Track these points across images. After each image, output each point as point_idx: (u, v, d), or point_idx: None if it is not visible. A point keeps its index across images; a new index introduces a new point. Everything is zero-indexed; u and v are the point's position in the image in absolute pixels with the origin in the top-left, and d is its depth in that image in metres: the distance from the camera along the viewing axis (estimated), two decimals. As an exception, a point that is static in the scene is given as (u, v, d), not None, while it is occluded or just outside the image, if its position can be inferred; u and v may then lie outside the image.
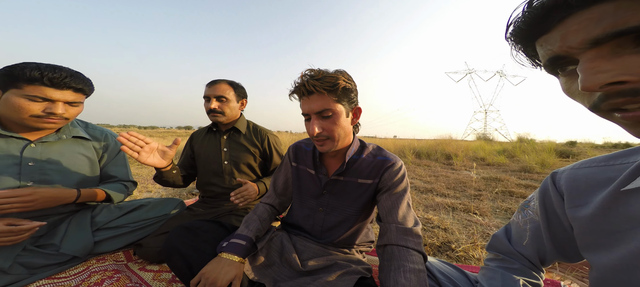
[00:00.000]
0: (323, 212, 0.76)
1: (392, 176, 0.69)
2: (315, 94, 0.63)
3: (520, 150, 7.14)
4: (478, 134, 28.92)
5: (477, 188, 3.06)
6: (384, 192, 0.70)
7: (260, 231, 0.75)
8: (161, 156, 0.92)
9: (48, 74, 0.73)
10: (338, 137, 0.67)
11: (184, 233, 0.70)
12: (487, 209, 2.18)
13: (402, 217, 0.65)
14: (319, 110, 0.64)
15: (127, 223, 1.04)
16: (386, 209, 0.67)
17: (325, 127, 0.65)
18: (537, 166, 4.43)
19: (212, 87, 1.13)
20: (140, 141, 0.85)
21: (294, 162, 0.85)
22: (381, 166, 0.71)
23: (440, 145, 7.76)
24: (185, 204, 1.29)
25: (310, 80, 0.62)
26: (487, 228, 1.71)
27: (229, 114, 1.16)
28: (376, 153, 0.74)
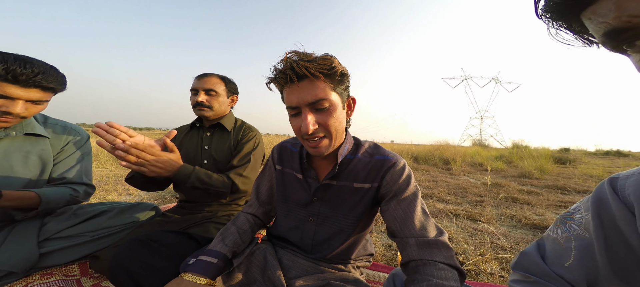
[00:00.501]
0: (313, 223, 0.64)
1: (395, 178, 0.58)
2: (306, 80, 0.50)
3: (517, 156, 7.15)
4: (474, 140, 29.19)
5: (479, 194, 2.96)
6: (389, 199, 0.58)
7: (239, 245, 0.64)
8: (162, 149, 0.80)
9: (14, 69, 0.62)
10: (336, 134, 0.55)
11: (135, 247, 0.58)
12: (491, 216, 2.06)
13: (421, 227, 0.53)
14: (312, 101, 0.51)
15: (84, 232, 0.89)
16: (399, 221, 0.55)
17: (322, 123, 0.53)
18: (536, 172, 4.37)
19: (202, 79, 1.03)
20: (122, 134, 0.70)
21: (278, 164, 0.73)
22: (381, 166, 0.59)
23: (438, 150, 7.72)
24: (160, 210, 1.13)
25: (300, 61, 0.49)
26: (495, 237, 1.59)
27: (217, 109, 1.06)
28: (373, 151, 0.63)
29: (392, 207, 0.56)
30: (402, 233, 0.54)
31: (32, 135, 0.81)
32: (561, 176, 4.45)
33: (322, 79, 0.50)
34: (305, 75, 0.49)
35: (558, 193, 3.02)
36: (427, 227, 0.53)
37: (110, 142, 0.68)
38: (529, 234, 1.69)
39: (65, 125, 0.92)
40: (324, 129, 0.53)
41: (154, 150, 0.77)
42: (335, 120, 0.54)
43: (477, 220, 2.01)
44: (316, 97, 0.51)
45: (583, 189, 3.19)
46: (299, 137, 0.57)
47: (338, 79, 0.52)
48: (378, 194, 0.60)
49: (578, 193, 3.01)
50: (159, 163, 0.79)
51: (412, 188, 0.57)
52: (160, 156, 0.79)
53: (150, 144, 0.77)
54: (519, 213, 2.11)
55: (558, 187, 3.33)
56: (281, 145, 0.75)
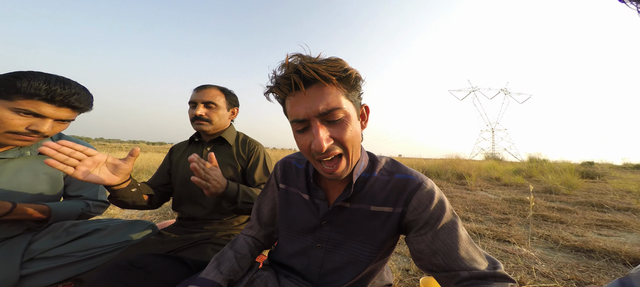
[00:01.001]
0: (322, 250, 0.56)
1: (425, 202, 0.49)
2: (315, 86, 0.42)
3: (538, 170, 6.69)
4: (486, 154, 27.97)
5: (502, 211, 2.70)
6: (421, 229, 0.49)
7: (236, 272, 0.56)
8: (111, 171, 0.69)
9: (55, 89, 0.66)
10: (354, 151, 0.47)
11: (117, 274, 0.50)
12: (521, 236, 1.84)
13: (470, 259, 0.44)
14: (324, 111, 0.42)
15: (72, 251, 0.81)
16: (441, 254, 0.45)
17: (337, 137, 0.44)
18: (563, 187, 4.02)
19: (201, 91, 0.99)
20: (77, 153, 0.62)
21: (282, 183, 0.65)
22: (403, 187, 0.51)
23: (450, 164, 7.40)
24: (157, 228, 1.05)
25: (308, 64, 0.41)
26: (531, 261, 1.38)
27: (217, 123, 1.01)
28: (392, 169, 0.55)
29: (429, 239, 0.47)
30: (448, 266, 0.44)
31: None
32: (592, 191, 4.06)
33: (335, 83, 0.42)
34: (314, 79, 0.41)
35: (594, 211, 2.71)
36: (476, 258, 0.44)
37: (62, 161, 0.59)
38: (571, 258, 1.46)
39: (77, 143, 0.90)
40: (339, 145, 0.45)
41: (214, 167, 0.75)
42: (351, 133, 0.45)
43: (505, 240, 1.79)
44: (328, 106, 0.42)
45: (623, 206, 2.86)
46: (310, 157, 0.48)
47: (352, 83, 0.45)
48: (402, 221, 0.51)
49: (619, 211, 2.68)
50: (218, 178, 0.75)
51: (448, 214, 0.48)
52: (216, 170, 0.75)
53: (114, 163, 0.70)
54: (554, 233, 1.87)
55: (592, 204, 3.01)
56: (285, 161, 0.67)
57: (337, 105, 0.43)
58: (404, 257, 1.49)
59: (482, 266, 0.44)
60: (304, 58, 0.43)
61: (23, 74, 0.64)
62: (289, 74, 0.42)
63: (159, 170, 1.10)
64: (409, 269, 1.33)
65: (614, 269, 1.29)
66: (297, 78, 0.41)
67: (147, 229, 0.99)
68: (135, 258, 0.56)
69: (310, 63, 0.41)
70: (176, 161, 1.07)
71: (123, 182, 0.73)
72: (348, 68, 0.43)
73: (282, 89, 0.44)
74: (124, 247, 0.91)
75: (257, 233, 0.67)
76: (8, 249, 0.74)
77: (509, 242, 1.75)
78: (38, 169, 0.79)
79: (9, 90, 0.63)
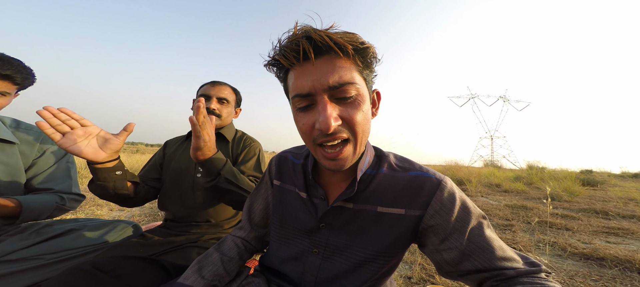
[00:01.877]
0: (319, 256, 0.48)
1: (448, 205, 0.42)
2: (327, 56, 0.36)
3: (537, 177, 6.65)
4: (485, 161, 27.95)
5: (504, 217, 2.63)
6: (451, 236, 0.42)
7: (222, 277, 0.49)
8: (100, 145, 0.64)
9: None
10: (362, 137, 0.40)
11: (75, 279, 0.43)
12: (526, 242, 1.76)
13: (509, 258, 0.41)
14: (335, 85, 0.36)
15: (40, 254, 0.73)
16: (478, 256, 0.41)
17: (347, 118, 0.37)
18: (564, 194, 3.96)
19: (216, 87, 0.98)
20: (72, 120, 0.59)
21: (276, 179, 0.58)
22: (420, 187, 0.44)
23: (450, 170, 7.35)
24: (141, 229, 0.97)
25: (318, 31, 0.35)
26: (540, 270, 1.31)
27: (225, 119, 1.02)
28: (404, 165, 0.48)
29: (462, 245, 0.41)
30: (490, 266, 0.40)
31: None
32: (594, 198, 4.01)
33: (351, 55, 0.36)
34: (328, 47, 0.35)
35: (599, 218, 2.64)
36: (514, 256, 0.41)
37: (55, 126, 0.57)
38: (582, 266, 1.39)
39: (40, 132, 0.82)
40: (348, 127, 0.38)
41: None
42: (363, 116, 0.38)
43: (510, 247, 1.71)
44: (341, 80, 0.35)
45: (627, 214, 2.80)
46: (310, 143, 0.41)
47: (369, 60, 0.39)
48: (419, 225, 0.44)
49: (624, 218, 2.62)
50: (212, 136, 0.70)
51: (476, 213, 0.43)
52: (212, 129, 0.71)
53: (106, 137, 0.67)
54: (560, 240, 1.79)
55: (596, 211, 2.95)
56: (281, 155, 0.61)
57: (351, 80, 0.36)
58: (405, 264, 1.41)
59: (520, 264, 0.40)
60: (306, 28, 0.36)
61: None
62: (298, 38, 0.35)
63: (151, 163, 1.04)
64: (411, 277, 1.25)
65: (629, 278, 1.22)
66: (307, 44, 0.34)
67: (128, 230, 0.91)
68: (102, 261, 0.49)
69: (322, 31, 0.35)
70: (170, 154, 1.02)
71: (109, 160, 0.67)
72: (365, 41, 0.37)
73: (288, 57, 0.36)
74: (101, 249, 0.83)
75: (247, 234, 0.60)
76: None
77: (514, 249, 1.68)
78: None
79: None
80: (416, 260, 1.41)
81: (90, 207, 2.26)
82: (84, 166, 4.40)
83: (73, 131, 0.59)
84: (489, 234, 0.42)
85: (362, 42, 0.37)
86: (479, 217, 0.43)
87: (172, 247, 0.83)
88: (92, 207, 2.27)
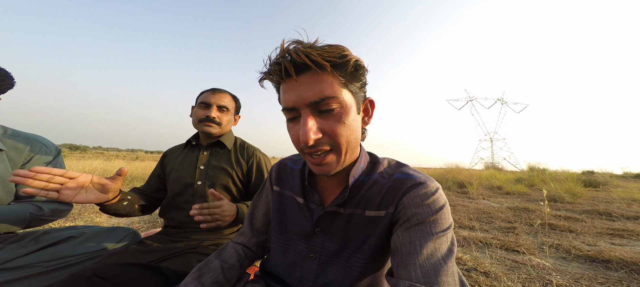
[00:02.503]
0: (316, 261, 0.49)
1: (417, 201, 0.41)
2: (309, 73, 0.38)
3: (539, 179, 6.62)
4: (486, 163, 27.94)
5: (507, 220, 2.61)
6: (399, 225, 0.42)
7: (222, 284, 0.50)
8: (100, 190, 0.69)
9: None
10: (347, 146, 0.42)
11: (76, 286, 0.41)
12: (530, 245, 1.74)
13: (430, 272, 0.35)
14: (315, 100, 0.38)
15: (38, 262, 0.72)
16: (399, 254, 0.38)
17: (327, 130, 0.39)
18: (567, 196, 3.94)
19: (217, 95, 1.00)
20: (57, 177, 0.59)
21: (276, 185, 0.59)
22: (400, 186, 0.44)
23: (450, 173, 7.32)
24: (140, 236, 0.97)
25: (301, 49, 0.37)
26: (545, 272, 1.28)
27: (224, 128, 1.02)
28: (394, 170, 0.48)
29: (399, 235, 0.40)
30: (397, 272, 0.37)
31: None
32: (597, 200, 3.98)
33: (329, 70, 0.37)
34: (307, 65, 0.37)
35: (603, 219, 2.62)
36: (442, 277, 0.34)
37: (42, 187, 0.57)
38: (587, 269, 1.36)
39: (28, 137, 0.81)
40: (329, 139, 0.40)
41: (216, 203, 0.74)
42: (346, 128, 0.40)
43: (513, 250, 1.69)
44: (320, 95, 0.38)
45: (632, 215, 2.77)
46: (299, 150, 0.43)
47: (351, 71, 0.39)
48: (391, 221, 0.44)
49: (628, 220, 2.60)
50: (226, 209, 0.75)
51: (440, 218, 0.39)
52: (222, 205, 0.75)
53: (101, 182, 0.68)
54: (564, 242, 1.77)
55: (600, 212, 2.92)
56: (281, 162, 0.62)
57: (331, 95, 0.38)
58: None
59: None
60: (299, 43, 0.38)
61: None
62: (280, 59, 0.38)
63: (151, 175, 1.07)
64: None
65: (637, 280, 1.20)
66: (288, 63, 0.37)
67: (127, 237, 0.90)
68: (102, 267, 0.49)
69: (303, 48, 0.37)
70: (169, 165, 1.03)
71: (113, 198, 0.72)
72: (347, 54, 0.38)
73: (273, 75, 0.40)
74: (99, 256, 0.82)
75: (248, 240, 0.60)
76: None
77: (518, 251, 1.66)
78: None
79: None
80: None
81: (90, 215, 2.24)
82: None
83: (65, 186, 0.61)
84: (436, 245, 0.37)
85: (342, 56, 0.38)
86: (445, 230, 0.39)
87: (171, 254, 0.82)
88: (91, 215, 2.25)
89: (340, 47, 0.39)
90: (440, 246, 0.37)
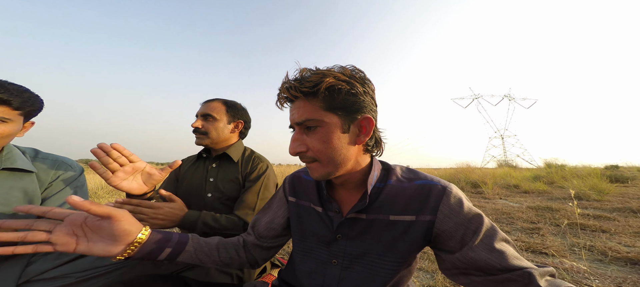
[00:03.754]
0: (338, 266, 0.52)
1: (456, 209, 0.46)
2: (298, 101, 0.48)
3: (559, 176, 6.30)
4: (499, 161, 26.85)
5: (529, 220, 2.48)
6: (461, 240, 0.45)
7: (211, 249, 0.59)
8: (144, 180, 0.70)
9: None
10: (328, 160, 0.48)
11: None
12: (558, 247, 1.64)
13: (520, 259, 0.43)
14: (298, 121, 0.48)
15: (69, 273, 0.74)
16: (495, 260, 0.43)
17: (310, 145, 0.48)
18: (592, 193, 3.71)
19: (203, 104, 1.00)
20: (122, 157, 0.64)
21: (291, 196, 0.63)
22: (427, 194, 0.48)
23: (462, 173, 7.10)
24: (160, 245, 0.98)
25: (288, 81, 0.47)
26: (581, 276, 1.19)
27: (215, 136, 0.98)
28: (410, 176, 0.53)
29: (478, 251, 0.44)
30: (505, 267, 0.42)
31: (15, 170, 0.74)
32: (627, 196, 3.73)
33: (303, 99, 0.47)
34: (292, 97, 0.48)
35: (638, 217, 2.44)
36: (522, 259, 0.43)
37: (105, 164, 0.61)
38: (629, 272, 1.26)
39: (56, 159, 0.86)
40: (312, 152, 0.48)
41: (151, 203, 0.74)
42: (324, 144, 0.47)
43: (541, 252, 1.59)
44: (302, 117, 0.47)
45: (668, 210, 2.57)
46: None
47: (325, 96, 0.45)
48: (432, 230, 0.47)
49: (665, 216, 2.41)
50: (160, 215, 0.75)
51: (482, 217, 0.46)
52: (159, 208, 0.75)
53: (151, 172, 0.71)
54: (598, 244, 1.65)
55: (633, 210, 2.73)
56: (293, 175, 0.66)
57: (309, 117, 0.46)
58: (427, 273, 1.34)
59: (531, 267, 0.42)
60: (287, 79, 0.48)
61: None
62: (279, 91, 0.49)
63: (167, 179, 1.07)
64: (434, 286, 1.18)
65: (688, 284, 1.09)
66: (282, 96, 0.49)
67: (150, 246, 0.91)
68: (134, 280, 0.49)
69: (289, 82, 0.47)
70: (182, 176, 1.04)
71: (148, 192, 0.73)
72: (319, 83, 0.44)
73: (279, 102, 0.51)
74: (123, 267, 0.83)
75: (249, 238, 0.64)
76: (5, 271, 0.68)
77: (546, 254, 1.56)
78: (11, 184, 0.72)
79: None
80: (438, 269, 1.34)
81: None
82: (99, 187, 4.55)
83: (122, 168, 0.64)
84: (504, 237, 0.45)
85: (313, 86, 0.45)
86: (488, 221, 0.46)
87: (192, 264, 0.83)
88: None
89: (318, 75, 0.45)
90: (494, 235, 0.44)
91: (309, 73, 0.46)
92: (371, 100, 0.49)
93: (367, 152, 0.52)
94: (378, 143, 0.53)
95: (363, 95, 0.47)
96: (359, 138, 0.49)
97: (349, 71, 0.47)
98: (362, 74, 0.48)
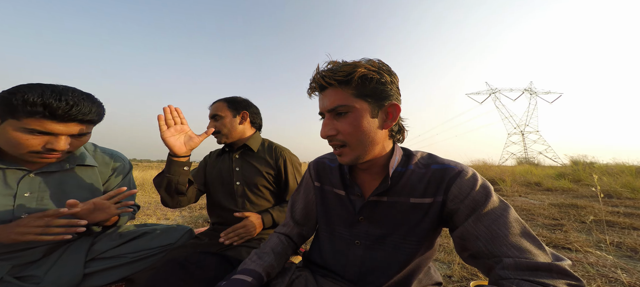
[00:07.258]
0: (361, 247, 0.55)
1: (466, 190, 0.47)
2: (329, 89, 0.51)
3: (586, 173, 5.89)
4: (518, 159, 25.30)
5: (551, 217, 2.39)
6: (463, 216, 0.47)
7: (274, 267, 0.58)
8: (185, 142, 0.86)
9: (51, 103, 0.62)
10: (358, 143, 0.51)
11: (173, 269, 0.56)
12: (583, 242, 1.58)
13: (521, 248, 0.40)
14: (330, 107, 0.51)
15: (126, 253, 0.87)
16: (483, 239, 0.43)
17: (340, 129, 0.51)
18: (625, 191, 3.47)
19: (209, 109, 1.10)
20: (178, 118, 0.84)
21: (316, 181, 0.68)
22: (441, 176, 0.50)
23: (479, 170, 6.84)
24: (194, 233, 1.09)
25: (320, 73, 0.51)
26: (608, 270, 1.16)
27: (227, 132, 1.06)
28: (428, 161, 0.55)
29: (470, 225, 0.45)
30: (491, 251, 0.41)
31: (84, 166, 0.86)
32: (664, 193, 3.44)
33: (337, 86, 0.50)
34: (325, 85, 0.51)
35: (674, 214, 2.27)
36: (531, 249, 0.40)
37: (167, 120, 0.82)
38: (660, 269, 1.21)
39: (112, 154, 0.97)
40: (343, 136, 0.51)
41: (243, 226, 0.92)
42: (354, 128, 0.49)
43: (563, 247, 1.55)
44: (333, 104, 0.50)
45: None
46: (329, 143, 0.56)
47: (357, 84, 0.48)
48: (443, 210, 0.50)
49: None
50: (250, 228, 0.92)
51: (494, 200, 0.46)
52: (245, 226, 0.92)
53: (191, 135, 0.89)
54: (627, 240, 1.58)
55: (669, 206, 2.53)
56: (317, 160, 0.69)
57: (341, 103, 0.49)
58: (443, 264, 1.36)
59: (538, 258, 0.39)
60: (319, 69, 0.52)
61: (17, 90, 0.61)
62: (312, 80, 0.53)
63: (197, 169, 1.17)
64: (451, 276, 1.20)
65: None
66: (315, 84, 0.53)
67: (185, 234, 1.02)
68: (189, 255, 0.60)
69: (323, 72, 0.51)
70: (209, 169, 1.14)
71: (185, 155, 0.87)
72: (353, 71, 0.47)
73: (311, 91, 0.56)
74: (167, 249, 0.94)
75: (290, 231, 0.69)
76: (76, 248, 0.81)
77: (569, 249, 1.52)
78: (80, 181, 0.83)
79: (11, 110, 0.61)
80: (454, 260, 1.36)
81: (142, 218, 2.52)
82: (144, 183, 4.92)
83: (175, 126, 0.83)
84: (508, 222, 0.42)
85: (347, 74, 0.48)
86: (500, 204, 0.45)
87: (225, 247, 0.92)
88: (144, 217, 2.53)
89: (351, 66, 0.48)
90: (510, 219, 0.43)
91: (340, 64, 0.50)
92: (397, 90, 0.53)
93: (391, 138, 0.55)
94: (401, 130, 0.56)
95: (390, 85, 0.51)
96: (386, 123, 0.52)
97: (377, 63, 0.50)
98: (388, 66, 0.51)
